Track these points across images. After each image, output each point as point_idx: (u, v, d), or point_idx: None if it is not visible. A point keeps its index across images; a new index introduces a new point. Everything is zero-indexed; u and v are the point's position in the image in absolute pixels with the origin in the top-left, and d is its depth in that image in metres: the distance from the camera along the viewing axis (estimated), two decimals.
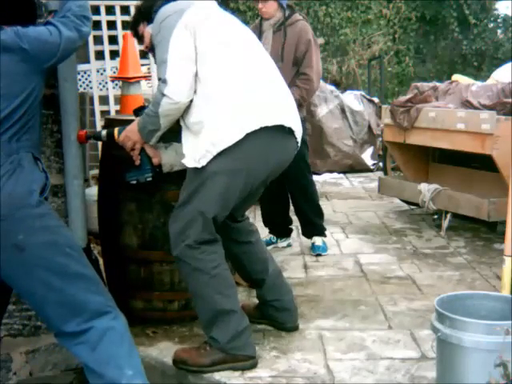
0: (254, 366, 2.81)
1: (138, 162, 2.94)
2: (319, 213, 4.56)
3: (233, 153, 2.67)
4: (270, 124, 2.70)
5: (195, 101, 2.70)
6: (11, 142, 2.29)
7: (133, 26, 3.04)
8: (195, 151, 2.71)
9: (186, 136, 2.78)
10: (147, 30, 2.93)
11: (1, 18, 2.36)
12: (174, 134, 2.82)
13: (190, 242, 2.72)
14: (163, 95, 2.64)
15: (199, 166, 2.70)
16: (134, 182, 2.96)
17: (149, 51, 3.04)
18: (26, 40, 2.28)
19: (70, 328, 2.34)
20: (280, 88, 2.89)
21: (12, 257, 2.25)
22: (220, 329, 2.77)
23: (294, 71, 4.26)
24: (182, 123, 2.79)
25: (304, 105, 4.36)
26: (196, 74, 2.69)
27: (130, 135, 2.88)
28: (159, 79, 2.71)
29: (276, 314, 3.16)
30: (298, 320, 3.23)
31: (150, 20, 2.89)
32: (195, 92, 2.70)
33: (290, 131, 2.81)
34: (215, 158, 2.67)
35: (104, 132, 3.02)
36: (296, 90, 4.19)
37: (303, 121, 4.41)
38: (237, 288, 2.94)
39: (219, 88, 2.69)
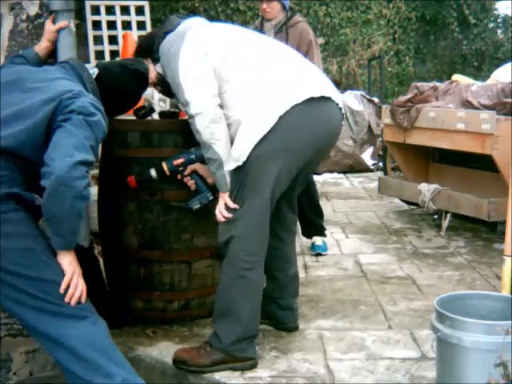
0: (253, 367, 2.81)
1: (193, 188, 2.98)
2: (319, 213, 4.56)
3: (270, 136, 2.68)
4: (299, 100, 2.70)
5: (226, 103, 2.74)
6: None
7: None
8: (233, 150, 2.72)
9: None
10: (152, 67, 2.95)
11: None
12: None
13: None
14: (192, 117, 2.69)
15: (240, 163, 2.70)
16: (198, 206, 3.00)
17: (154, 87, 3.07)
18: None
19: (47, 331, 2.30)
20: (300, 64, 2.91)
21: None
22: (227, 328, 2.76)
23: None
24: None
25: None
26: (222, 78, 2.73)
27: (201, 172, 2.97)
28: (182, 104, 2.77)
29: (278, 312, 3.16)
30: (298, 320, 3.23)
31: (152, 57, 2.93)
32: (224, 94, 2.73)
33: (324, 98, 2.78)
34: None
35: (153, 171, 3.00)
36: None
37: None
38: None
39: (238, 98, 2.73)
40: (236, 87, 2.73)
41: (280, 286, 3.14)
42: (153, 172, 3.00)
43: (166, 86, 2.92)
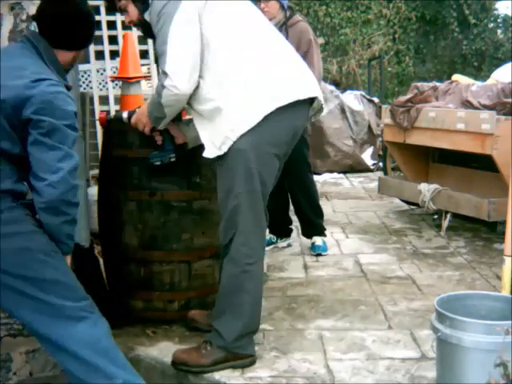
0: (253, 364, 2.81)
1: (159, 142, 2.93)
2: (319, 213, 4.56)
3: (252, 131, 2.66)
4: (284, 103, 2.68)
5: (206, 88, 2.68)
6: None
7: (110, 2, 2.95)
8: (215, 138, 2.71)
9: (201, 124, 2.77)
10: (133, 7, 2.85)
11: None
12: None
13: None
14: (164, 87, 2.64)
15: (221, 152, 2.69)
16: (158, 163, 2.94)
17: (135, 26, 2.99)
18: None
19: (46, 333, 2.30)
20: (289, 59, 2.85)
21: None
22: (229, 324, 2.75)
23: None
24: (193, 112, 2.78)
25: None
26: (202, 61, 2.67)
27: (140, 118, 2.89)
28: (159, 69, 2.72)
29: None
30: None
31: None
32: (204, 79, 2.68)
33: (305, 101, 2.79)
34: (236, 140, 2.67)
35: (126, 114, 3.03)
36: None
37: None
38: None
39: (230, 73, 2.68)
40: (220, 71, 2.68)
41: None
42: (125, 114, 3.03)
43: (147, 30, 2.84)
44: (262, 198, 2.76)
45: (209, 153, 2.75)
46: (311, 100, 2.85)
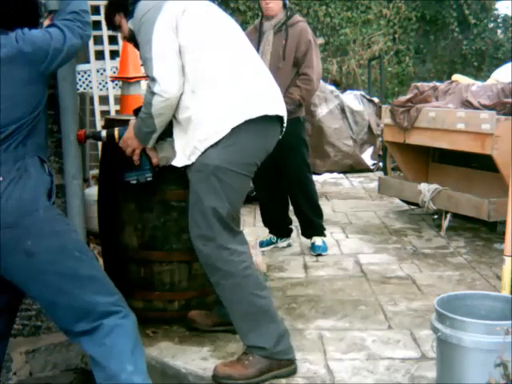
0: (295, 372, 2.76)
1: (137, 163, 2.93)
2: (319, 213, 4.56)
3: (223, 149, 2.65)
4: (252, 116, 2.66)
5: (183, 96, 2.69)
6: (17, 148, 2.28)
7: (108, 21, 2.99)
8: (186, 147, 2.72)
9: (177, 133, 2.78)
10: (125, 22, 2.89)
11: (3, 21, 2.34)
12: (168, 129, 2.81)
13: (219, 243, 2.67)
14: (154, 94, 2.63)
15: (189, 162, 2.70)
16: (135, 181, 2.96)
17: (128, 41, 3.01)
18: (28, 43, 2.26)
19: (78, 328, 2.36)
20: (261, 75, 2.83)
21: (22, 262, 2.27)
22: (262, 335, 2.70)
23: (294, 71, 4.27)
24: (174, 122, 2.78)
25: (304, 105, 4.36)
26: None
27: (128, 142, 2.87)
28: (147, 76, 2.71)
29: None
30: None
31: (126, 11, 2.86)
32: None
33: (275, 117, 2.76)
34: (205, 153, 2.66)
35: (104, 132, 3.01)
36: (296, 89, 4.20)
37: (303, 121, 4.43)
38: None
39: (203, 83, 2.67)
40: (193, 81, 2.67)
41: None
42: (103, 133, 3.01)
43: (137, 44, 2.83)
44: (230, 211, 2.70)
45: (178, 162, 2.75)
46: (281, 121, 2.81)
